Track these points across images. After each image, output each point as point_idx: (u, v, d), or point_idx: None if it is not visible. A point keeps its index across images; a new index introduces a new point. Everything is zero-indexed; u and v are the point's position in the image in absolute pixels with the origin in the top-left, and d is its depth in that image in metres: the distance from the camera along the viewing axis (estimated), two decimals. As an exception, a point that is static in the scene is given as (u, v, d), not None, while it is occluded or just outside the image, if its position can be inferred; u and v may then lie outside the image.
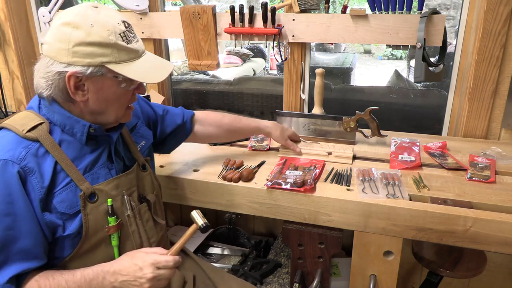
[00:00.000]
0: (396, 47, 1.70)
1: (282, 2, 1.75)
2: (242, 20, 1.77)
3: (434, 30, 1.57)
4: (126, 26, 0.94)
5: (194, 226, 1.03)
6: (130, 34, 0.94)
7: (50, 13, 1.94)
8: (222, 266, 1.87)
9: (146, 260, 0.96)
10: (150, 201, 1.13)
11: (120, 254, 1.03)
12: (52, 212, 0.94)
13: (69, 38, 0.88)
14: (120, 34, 0.91)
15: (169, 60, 2.29)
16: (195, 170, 1.46)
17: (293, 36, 1.75)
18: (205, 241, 2.00)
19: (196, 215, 1.03)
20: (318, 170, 1.39)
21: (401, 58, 8.83)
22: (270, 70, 6.70)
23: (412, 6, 1.59)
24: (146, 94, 2.02)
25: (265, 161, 1.51)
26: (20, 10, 2.12)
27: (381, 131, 1.62)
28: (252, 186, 1.34)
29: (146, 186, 1.15)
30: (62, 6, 1.93)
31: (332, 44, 7.89)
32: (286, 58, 1.82)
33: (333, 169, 1.43)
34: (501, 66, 1.58)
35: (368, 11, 1.63)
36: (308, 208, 1.28)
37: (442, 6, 7.76)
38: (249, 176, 1.36)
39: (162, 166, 1.49)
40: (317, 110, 1.81)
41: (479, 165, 1.42)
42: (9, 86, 2.19)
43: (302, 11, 1.71)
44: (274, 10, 1.69)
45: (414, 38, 1.59)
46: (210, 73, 3.96)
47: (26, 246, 0.91)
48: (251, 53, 6.10)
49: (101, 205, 1.00)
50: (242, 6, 1.75)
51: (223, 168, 1.46)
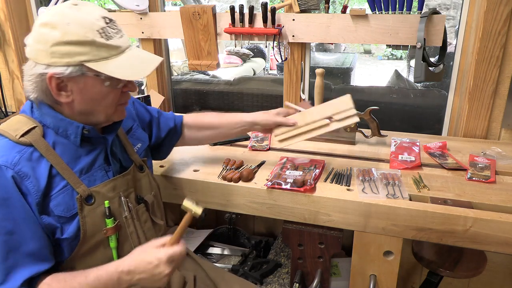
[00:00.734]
0: (396, 47, 1.70)
1: (282, 2, 1.75)
2: (242, 20, 1.77)
3: (434, 30, 1.57)
4: (107, 22, 0.91)
5: (188, 214, 0.99)
6: (112, 30, 0.91)
7: (50, 13, 1.94)
8: (222, 266, 1.87)
9: (160, 257, 0.94)
10: (147, 202, 1.12)
11: (119, 256, 1.02)
12: (49, 215, 0.93)
13: (46, 38, 0.87)
14: (98, 30, 0.88)
15: (168, 60, 2.29)
16: (195, 170, 1.46)
17: (293, 36, 1.75)
18: (205, 241, 2.00)
19: (188, 203, 0.99)
20: (318, 170, 1.39)
21: (401, 58, 8.83)
22: (270, 70, 6.71)
23: (412, 6, 1.59)
24: (146, 95, 2.02)
25: (265, 161, 1.51)
26: (20, 10, 2.12)
27: (381, 131, 1.62)
28: (252, 186, 1.34)
29: (144, 187, 1.14)
30: (62, 6, 1.93)
31: (332, 44, 7.89)
32: (286, 58, 1.82)
33: (333, 169, 1.43)
34: (501, 66, 1.58)
35: (368, 11, 1.64)
36: (308, 208, 1.28)
37: (442, 6, 7.76)
38: (249, 176, 1.36)
39: (162, 166, 1.49)
40: (317, 110, 1.81)
41: (479, 165, 1.42)
42: (9, 86, 2.19)
43: (302, 11, 1.71)
44: (274, 10, 1.69)
45: (414, 38, 1.59)
46: (210, 73, 3.96)
47: (32, 250, 0.90)
48: (251, 53, 6.10)
49: (98, 207, 0.99)
50: (242, 6, 1.75)
51: (223, 168, 1.46)
